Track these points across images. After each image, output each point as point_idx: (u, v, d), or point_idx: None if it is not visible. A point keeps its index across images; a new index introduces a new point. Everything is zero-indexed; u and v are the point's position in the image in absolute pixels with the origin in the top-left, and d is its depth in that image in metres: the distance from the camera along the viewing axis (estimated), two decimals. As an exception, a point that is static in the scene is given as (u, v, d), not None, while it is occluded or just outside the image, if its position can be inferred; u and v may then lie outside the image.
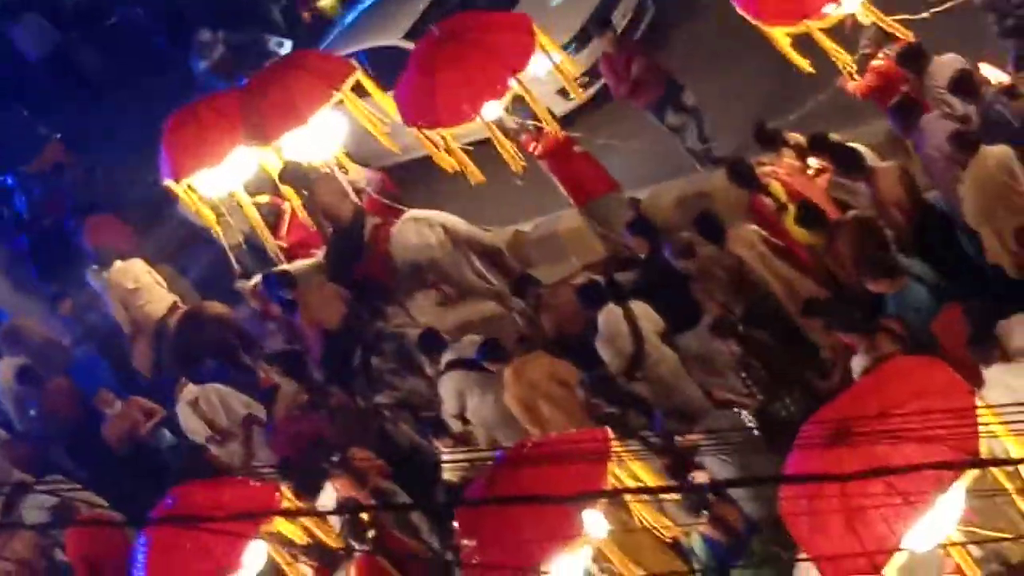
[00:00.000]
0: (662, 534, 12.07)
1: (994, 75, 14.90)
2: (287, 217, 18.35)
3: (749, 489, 12.31)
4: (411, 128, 16.72)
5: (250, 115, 17.38)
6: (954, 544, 10.46)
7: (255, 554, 13.13)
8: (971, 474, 9.92)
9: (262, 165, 17.68)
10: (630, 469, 11.84)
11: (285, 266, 18.03)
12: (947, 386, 10.42)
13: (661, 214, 16.66)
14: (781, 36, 15.35)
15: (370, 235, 18.17)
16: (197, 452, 16.45)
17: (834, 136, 14.93)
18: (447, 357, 15.24)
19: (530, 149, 16.91)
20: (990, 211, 13.57)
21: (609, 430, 12.20)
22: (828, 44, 15.34)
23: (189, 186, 17.42)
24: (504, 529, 11.35)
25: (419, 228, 17.40)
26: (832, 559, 9.93)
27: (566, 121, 17.86)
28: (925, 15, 15.20)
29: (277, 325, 17.85)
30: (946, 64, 14.73)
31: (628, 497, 11.53)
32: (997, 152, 13.69)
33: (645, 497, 11.58)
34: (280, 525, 13.02)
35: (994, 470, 10.24)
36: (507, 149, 16.54)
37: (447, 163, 16.78)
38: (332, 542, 13.73)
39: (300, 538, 13.48)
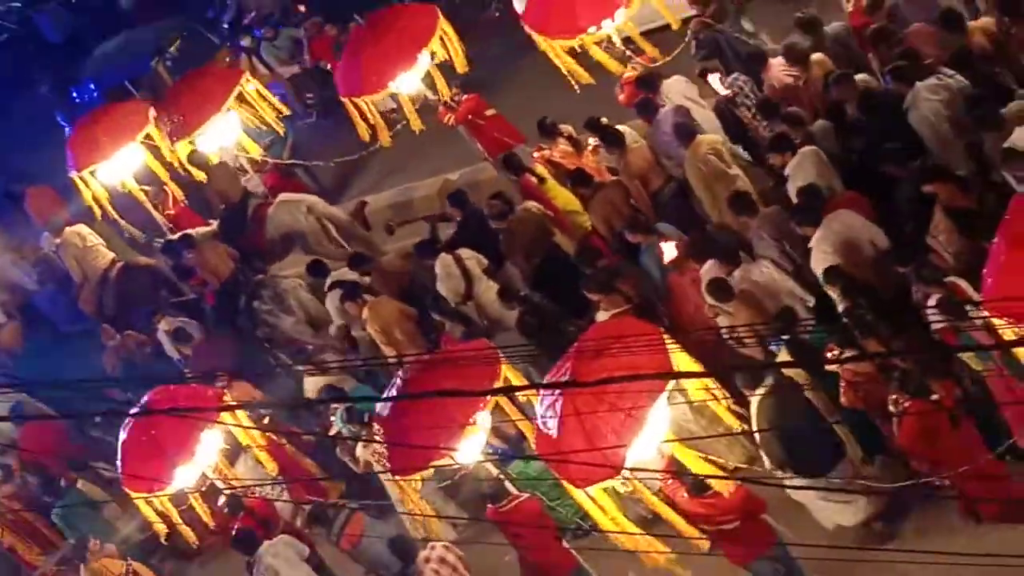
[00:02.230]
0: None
1: (717, 86, 16.72)
2: (170, 199, 20.40)
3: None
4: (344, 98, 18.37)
5: (172, 113, 19.60)
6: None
7: (207, 444, 14.44)
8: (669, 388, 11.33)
9: (148, 159, 19.73)
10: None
11: (189, 231, 19.81)
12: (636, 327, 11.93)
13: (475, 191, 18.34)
14: (561, 50, 16.96)
15: (252, 212, 19.93)
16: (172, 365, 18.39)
17: (604, 120, 16.49)
18: (330, 280, 17.42)
19: (445, 120, 18.33)
20: (707, 184, 15.37)
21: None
22: (602, 56, 17.00)
23: (86, 175, 19.60)
24: (418, 418, 12.33)
25: (290, 208, 19.34)
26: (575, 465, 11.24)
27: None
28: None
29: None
30: (671, 85, 16.66)
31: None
32: (708, 139, 15.57)
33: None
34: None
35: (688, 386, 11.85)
36: (412, 113, 18.22)
37: (361, 128, 18.39)
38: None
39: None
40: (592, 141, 17.00)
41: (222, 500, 15.19)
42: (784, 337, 12.52)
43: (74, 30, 31.15)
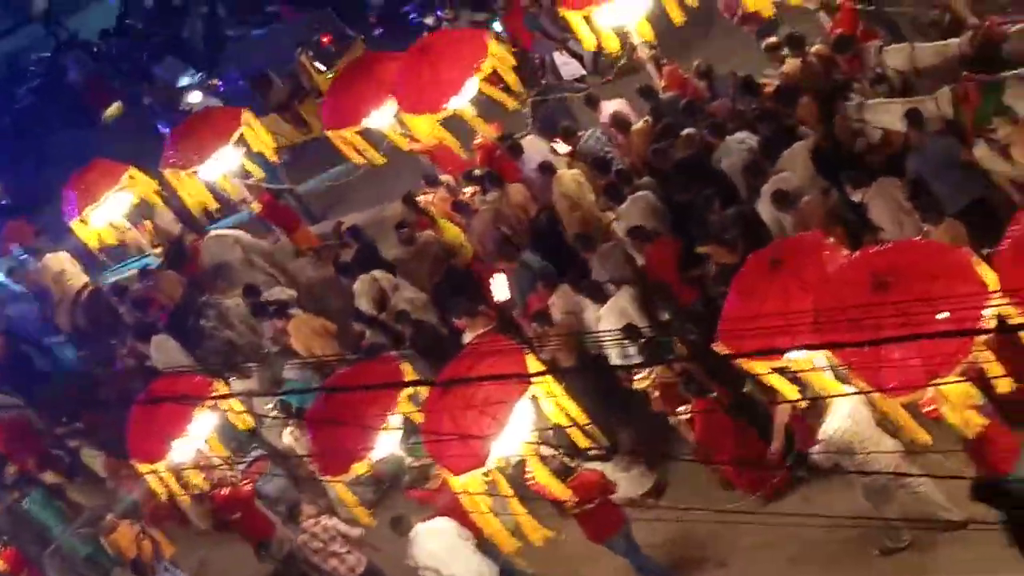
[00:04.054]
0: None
1: (538, 148, 18.08)
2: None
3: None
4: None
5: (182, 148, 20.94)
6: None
7: (200, 424, 15.47)
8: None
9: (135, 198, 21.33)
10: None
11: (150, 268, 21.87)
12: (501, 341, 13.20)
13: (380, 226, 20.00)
14: (423, 125, 18.18)
15: (189, 246, 21.61)
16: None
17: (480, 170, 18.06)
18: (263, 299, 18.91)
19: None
20: (570, 210, 16.64)
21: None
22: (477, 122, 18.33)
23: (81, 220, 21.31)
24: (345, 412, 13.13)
25: (220, 242, 20.95)
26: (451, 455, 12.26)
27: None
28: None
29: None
30: (531, 143, 18.31)
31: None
32: (570, 173, 16.93)
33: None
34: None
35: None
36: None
37: (350, 155, 19.53)
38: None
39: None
40: (467, 190, 18.48)
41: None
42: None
43: (96, 71, 33.22)
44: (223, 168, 20.92)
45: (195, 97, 27.61)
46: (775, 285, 11.54)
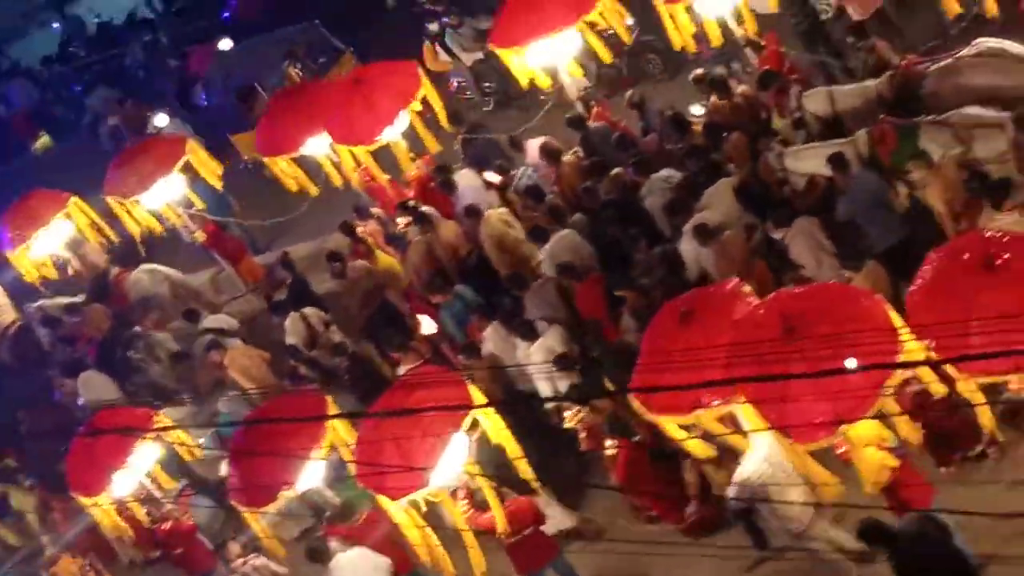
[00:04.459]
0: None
1: (470, 183, 18.08)
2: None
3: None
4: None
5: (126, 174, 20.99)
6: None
7: (142, 456, 15.62)
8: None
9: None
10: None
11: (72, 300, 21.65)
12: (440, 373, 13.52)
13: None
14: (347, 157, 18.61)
15: (113, 280, 21.53)
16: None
17: (413, 203, 18.01)
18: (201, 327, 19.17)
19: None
20: (498, 250, 16.66)
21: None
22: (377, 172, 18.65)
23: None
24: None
25: (150, 275, 20.96)
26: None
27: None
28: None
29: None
30: (464, 176, 18.21)
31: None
32: (496, 213, 16.96)
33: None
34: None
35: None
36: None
37: (289, 183, 19.92)
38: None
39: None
40: (401, 221, 18.56)
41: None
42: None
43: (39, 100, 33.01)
44: (167, 197, 20.86)
45: (161, 120, 26.95)
46: (685, 338, 11.54)
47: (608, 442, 13.86)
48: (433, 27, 24.37)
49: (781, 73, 16.63)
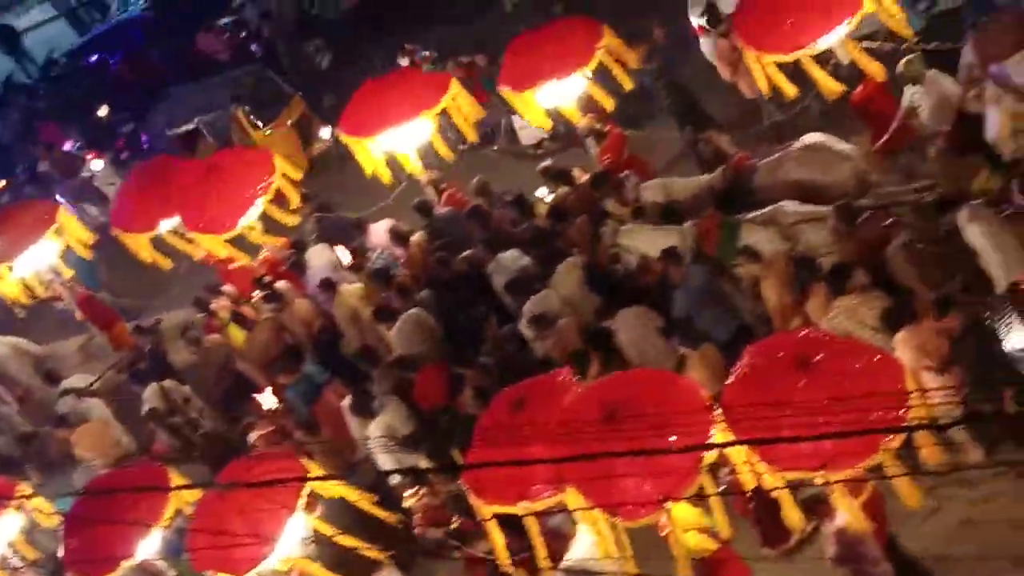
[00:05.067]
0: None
1: (323, 259, 18.29)
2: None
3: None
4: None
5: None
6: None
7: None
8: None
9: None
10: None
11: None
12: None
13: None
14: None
15: None
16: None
17: (268, 279, 18.26)
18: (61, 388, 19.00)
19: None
20: (352, 326, 16.89)
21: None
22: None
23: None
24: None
25: (7, 349, 20.89)
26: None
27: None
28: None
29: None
30: (316, 254, 18.40)
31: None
32: (350, 289, 17.26)
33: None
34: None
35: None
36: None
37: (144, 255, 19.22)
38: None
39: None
40: (256, 294, 18.64)
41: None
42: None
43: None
44: (38, 263, 20.54)
45: (97, 165, 26.50)
46: (516, 426, 11.65)
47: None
48: (403, 62, 23.15)
49: (617, 165, 16.97)
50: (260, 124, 25.09)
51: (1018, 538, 11.72)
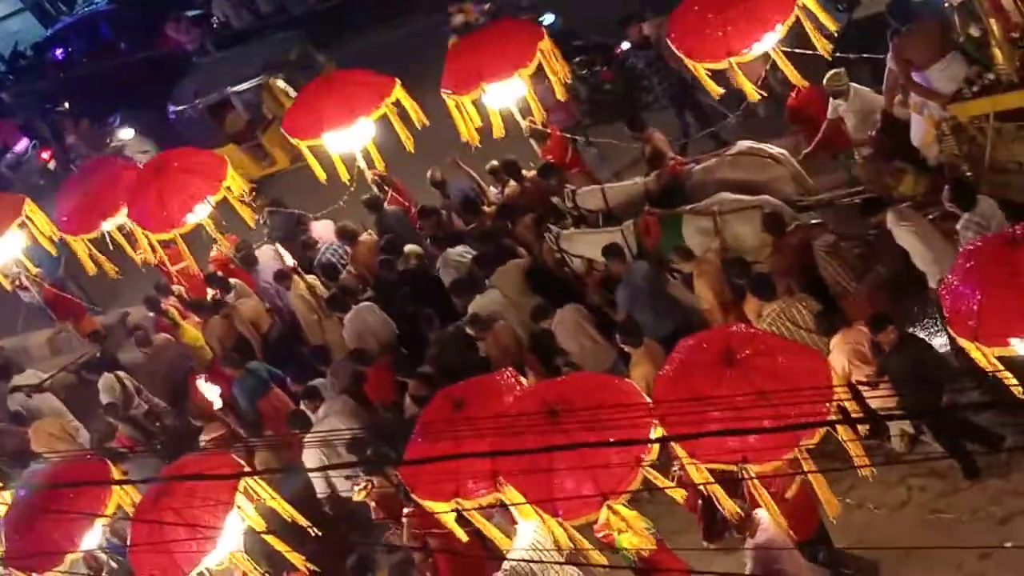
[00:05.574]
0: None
1: (272, 257, 18.26)
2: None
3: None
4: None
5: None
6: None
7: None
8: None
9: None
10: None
11: None
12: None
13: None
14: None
15: None
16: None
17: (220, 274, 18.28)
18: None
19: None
20: (309, 313, 16.99)
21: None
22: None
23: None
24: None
25: None
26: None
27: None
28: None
29: None
30: (264, 253, 18.36)
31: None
32: (305, 281, 17.24)
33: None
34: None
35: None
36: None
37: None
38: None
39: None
40: (210, 292, 18.71)
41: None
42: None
43: None
44: (2, 256, 20.22)
45: (126, 134, 25.91)
46: (455, 425, 11.76)
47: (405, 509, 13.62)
48: (458, 19, 22.88)
49: (560, 165, 17.20)
50: (294, 93, 22.92)
51: (981, 530, 11.94)
